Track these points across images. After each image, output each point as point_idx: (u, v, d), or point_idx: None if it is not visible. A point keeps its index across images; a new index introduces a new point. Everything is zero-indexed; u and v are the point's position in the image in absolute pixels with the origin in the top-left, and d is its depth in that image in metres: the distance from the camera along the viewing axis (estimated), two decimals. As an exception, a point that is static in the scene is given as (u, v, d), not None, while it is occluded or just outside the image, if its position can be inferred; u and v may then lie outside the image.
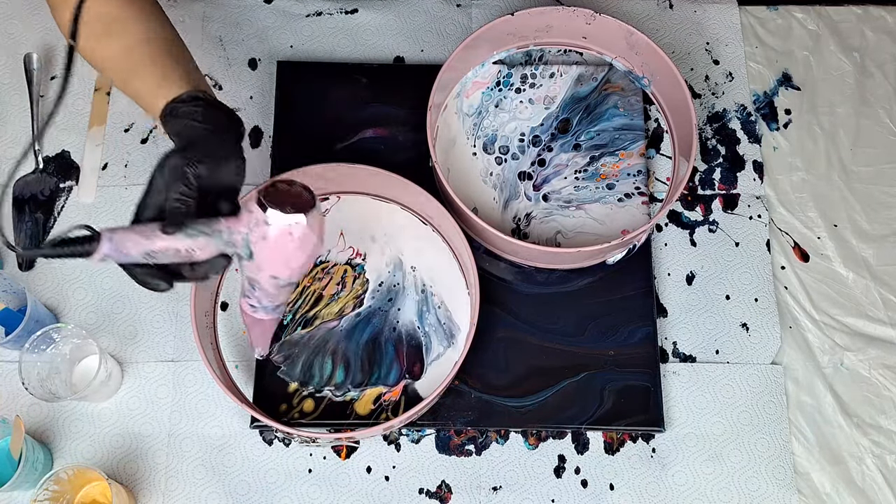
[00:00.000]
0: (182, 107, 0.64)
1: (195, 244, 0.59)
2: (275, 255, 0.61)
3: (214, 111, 0.65)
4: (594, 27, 0.89)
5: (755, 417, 0.82)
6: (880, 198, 0.92)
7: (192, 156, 0.60)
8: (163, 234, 0.58)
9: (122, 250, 0.57)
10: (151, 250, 0.58)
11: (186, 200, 0.59)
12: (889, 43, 0.98)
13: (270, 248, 0.61)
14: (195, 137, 0.62)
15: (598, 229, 0.87)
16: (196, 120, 0.63)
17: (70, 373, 0.80)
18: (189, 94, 0.64)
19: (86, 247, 0.56)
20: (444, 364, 0.81)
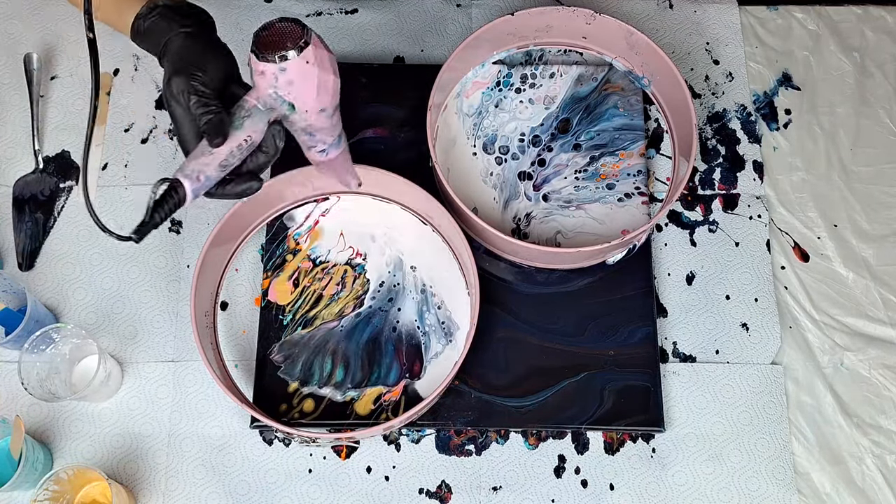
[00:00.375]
0: (144, 22, 0.66)
1: (247, 132, 0.61)
2: (309, 88, 0.61)
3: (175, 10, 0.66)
4: (594, 27, 0.89)
5: (755, 417, 0.82)
6: (880, 198, 0.92)
7: (189, 70, 0.61)
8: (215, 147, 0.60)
9: (202, 176, 0.59)
10: (221, 161, 0.60)
11: (212, 107, 0.60)
12: (889, 43, 0.98)
13: (301, 86, 0.61)
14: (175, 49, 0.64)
15: (598, 229, 0.87)
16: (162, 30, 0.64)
17: (70, 373, 0.80)
18: (146, 7, 0.66)
19: (176, 195, 0.59)
20: (444, 364, 0.81)
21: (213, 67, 0.63)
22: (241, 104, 0.62)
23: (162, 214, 0.59)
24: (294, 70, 0.60)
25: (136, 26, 0.66)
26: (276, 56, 0.59)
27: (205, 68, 0.62)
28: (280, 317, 0.83)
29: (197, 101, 0.60)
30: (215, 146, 0.60)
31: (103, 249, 0.86)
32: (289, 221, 0.86)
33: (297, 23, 0.60)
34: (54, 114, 0.91)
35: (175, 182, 0.58)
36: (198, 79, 0.61)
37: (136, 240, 0.59)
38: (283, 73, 0.60)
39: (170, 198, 0.58)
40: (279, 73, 0.60)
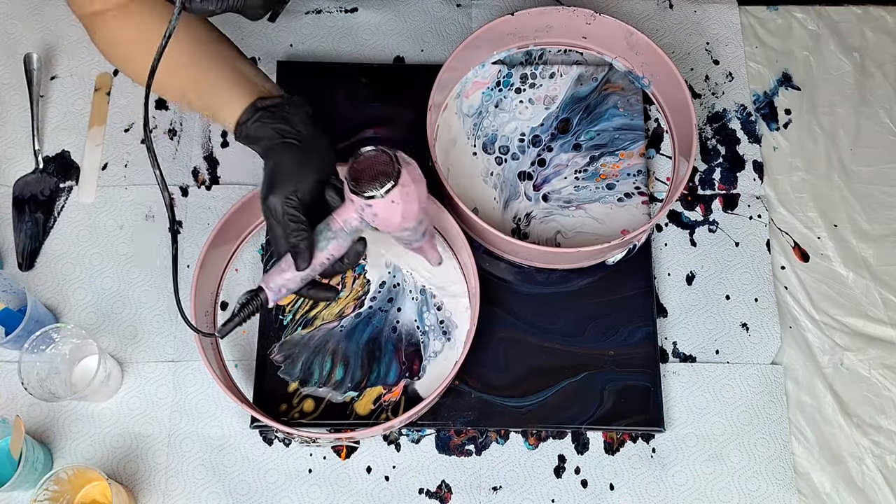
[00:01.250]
0: (246, 128, 0.68)
1: (331, 251, 0.66)
2: (392, 218, 0.64)
3: (274, 114, 0.67)
4: (594, 27, 0.89)
5: (755, 417, 0.82)
6: (880, 198, 0.92)
7: (285, 191, 0.65)
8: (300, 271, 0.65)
9: (283, 289, 0.66)
10: (303, 276, 0.66)
11: (301, 234, 0.65)
12: (889, 43, 0.98)
13: (384, 218, 0.64)
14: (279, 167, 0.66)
15: (598, 229, 0.87)
16: (264, 136, 0.67)
17: (70, 373, 0.80)
18: (248, 110, 0.68)
19: (257, 303, 0.65)
20: (444, 364, 0.81)
21: (307, 182, 0.66)
22: (328, 224, 0.66)
23: (244, 315, 0.65)
24: (379, 207, 0.63)
25: (240, 131, 0.68)
26: (364, 194, 0.62)
27: (299, 186, 0.65)
28: (280, 317, 0.83)
29: (288, 224, 0.65)
30: (300, 269, 0.65)
31: (103, 249, 0.86)
32: (289, 221, 0.86)
33: (392, 158, 0.62)
34: (54, 114, 0.91)
35: (259, 290, 0.66)
36: (291, 202, 0.65)
37: (220, 336, 0.65)
38: (368, 207, 0.62)
39: (252, 303, 0.65)
40: (365, 206, 0.63)
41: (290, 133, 0.67)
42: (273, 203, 0.65)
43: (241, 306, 0.65)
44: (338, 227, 0.66)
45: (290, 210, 0.65)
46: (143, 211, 0.88)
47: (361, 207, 0.63)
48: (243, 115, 0.68)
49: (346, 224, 0.65)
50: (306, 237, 0.65)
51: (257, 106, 0.68)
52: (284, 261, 0.66)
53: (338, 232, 0.66)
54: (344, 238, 0.66)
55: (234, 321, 0.65)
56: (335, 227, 0.66)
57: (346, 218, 0.65)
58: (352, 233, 0.66)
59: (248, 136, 0.68)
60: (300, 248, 0.65)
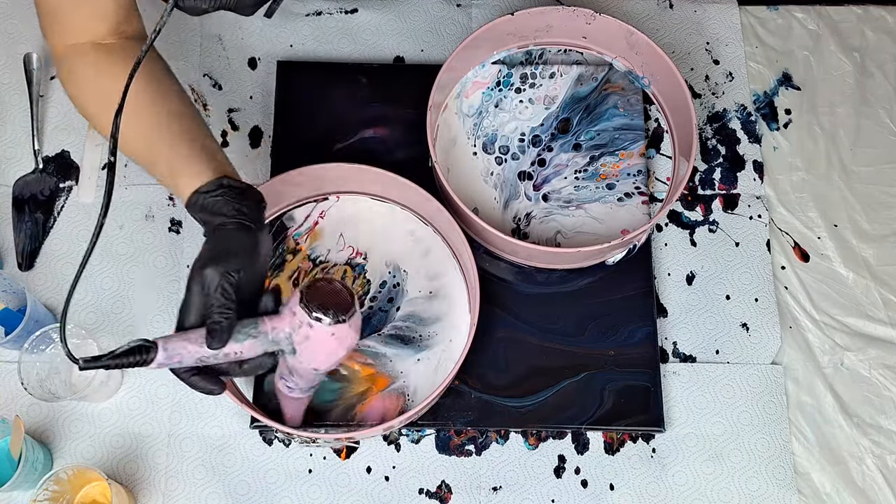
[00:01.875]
0: (205, 197, 0.65)
1: (243, 347, 0.63)
2: (317, 353, 0.65)
3: (238, 197, 0.65)
4: (594, 27, 0.89)
5: (755, 417, 0.82)
6: (880, 198, 0.92)
7: (228, 267, 0.62)
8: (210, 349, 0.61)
9: (175, 358, 0.61)
10: (203, 357, 0.61)
11: (227, 314, 0.61)
12: (889, 43, 0.98)
13: (313, 348, 0.64)
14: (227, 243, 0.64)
15: (597, 229, 0.87)
16: (220, 212, 0.64)
17: (69, 373, 0.80)
18: (213, 182, 0.65)
19: (143, 357, 0.59)
20: (444, 364, 0.81)
21: (252, 272, 0.64)
22: (256, 322, 0.63)
23: (119, 363, 0.59)
24: (318, 333, 0.62)
25: (196, 199, 0.65)
26: (314, 313, 0.62)
27: (242, 269, 0.62)
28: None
29: (219, 300, 0.61)
30: (211, 348, 0.61)
31: (103, 249, 0.86)
32: (289, 221, 0.86)
33: (352, 297, 0.64)
34: (54, 114, 0.91)
35: (152, 346, 0.59)
36: (230, 279, 0.61)
37: (80, 366, 0.58)
38: (308, 328, 0.62)
39: (136, 355, 0.59)
40: (306, 326, 0.62)
41: (249, 217, 0.65)
42: (210, 275, 0.61)
43: (125, 353, 0.59)
44: (264, 330, 0.63)
45: (226, 286, 0.61)
46: (142, 211, 0.88)
47: (299, 324, 0.62)
48: (206, 185, 0.65)
49: (273, 332, 0.63)
50: (231, 318, 0.61)
51: (223, 183, 0.65)
52: (194, 331, 0.61)
53: (261, 334, 0.63)
54: (262, 343, 0.63)
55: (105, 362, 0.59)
56: (262, 329, 0.63)
57: (276, 326, 0.63)
58: (271, 343, 0.64)
59: (203, 207, 0.65)
60: (221, 326, 0.60)
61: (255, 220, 0.65)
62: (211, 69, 0.93)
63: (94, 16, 0.68)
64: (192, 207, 0.66)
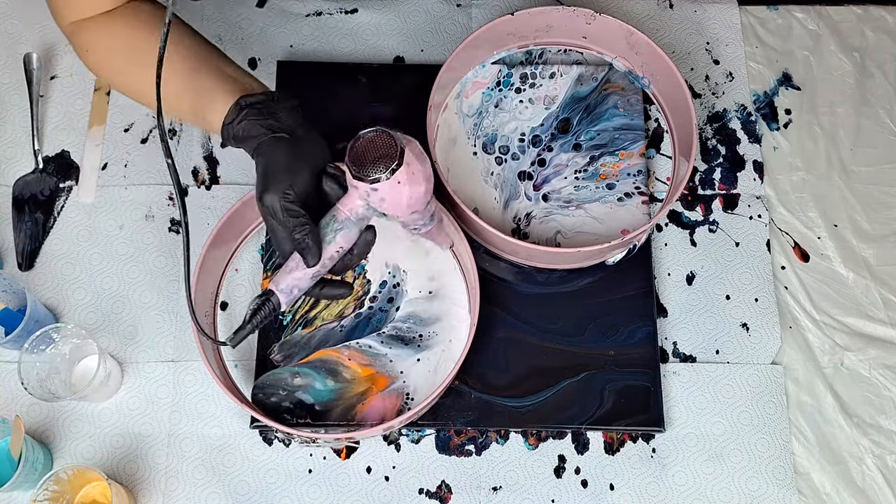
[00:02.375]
0: (233, 128, 0.65)
1: (339, 244, 0.63)
2: (400, 201, 0.62)
3: (260, 110, 0.65)
4: (594, 27, 0.89)
5: (755, 417, 0.82)
6: (880, 198, 0.92)
7: (281, 186, 0.62)
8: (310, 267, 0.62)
9: (295, 290, 0.62)
10: (314, 274, 0.63)
11: (305, 229, 0.62)
12: (889, 43, 0.98)
13: (395, 201, 0.62)
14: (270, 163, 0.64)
15: (597, 229, 0.87)
16: (253, 135, 0.64)
17: (69, 373, 0.80)
18: (233, 109, 0.65)
19: (269, 307, 0.62)
20: (444, 364, 0.81)
21: (303, 175, 0.64)
22: (333, 215, 0.63)
23: (256, 322, 0.63)
24: (385, 190, 0.61)
25: (227, 132, 0.66)
26: (368, 178, 0.60)
27: (295, 180, 0.63)
28: (280, 317, 0.83)
29: (289, 219, 0.62)
30: (309, 266, 0.62)
31: (103, 249, 0.86)
32: (289, 221, 0.86)
33: (392, 137, 0.61)
34: (54, 114, 0.91)
35: (270, 294, 0.63)
36: (289, 196, 0.62)
37: (231, 345, 0.62)
38: (374, 191, 0.61)
39: (264, 308, 0.62)
40: (371, 191, 0.61)
41: (280, 128, 0.65)
42: (270, 201, 0.62)
43: (253, 312, 0.62)
44: (344, 217, 0.63)
45: (289, 206, 0.62)
46: (142, 211, 0.88)
47: (367, 193, 0.61)
48: (228, 115, 0.65)
49: (352, 213, 0.63)
50: (311, 231, 0.62)
51: (241, 104, 0.65)
52: (291, 260, 0.63)
53: (344, 222, 0.63)
54: (351, 228, 0.64)
55: (247, 328, 0.63)
56: (341, 218, 0.63)
57: (351, 206, 0.63)
58: (359, 221, 0.64)
59: (235, 137, 0.65)
60: (307, 243, 0.62)
61: (286, 128, 0.65)
62: (211, 69, 0.93)
63: None
64: (229, 142, 0.67)
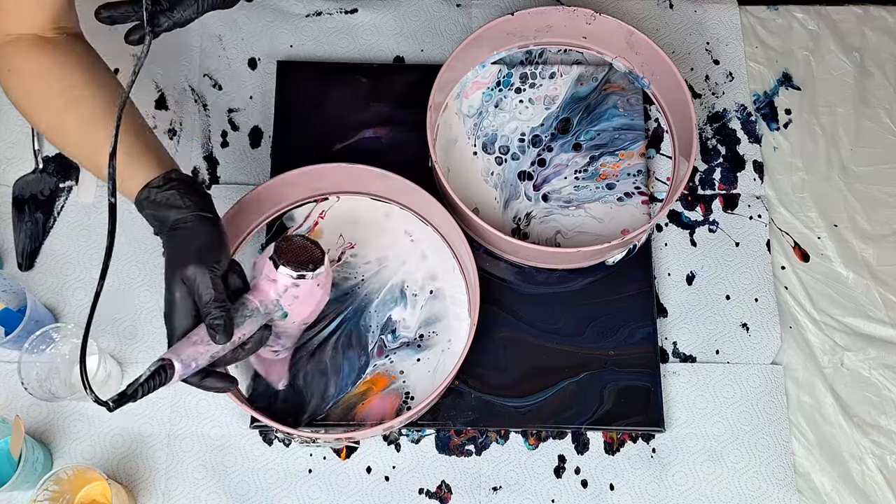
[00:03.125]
0: (157, 192, 0.64)
1: (244, 331, 0.63)
2: (307, 306, 0.66)
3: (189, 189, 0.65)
4: (594, 27, 0.89)
5: (755, 417, 0.82)
6: (880, 198, 0.92)
7: (209, 261, 0.61)
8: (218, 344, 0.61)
9: (191, 364, 0.61)
10: (214, 353, 0.61)
11: (224, 307, 0.61)
12: (889, 43, 0.98)
13: (303, 303, 0.65)
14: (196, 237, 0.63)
15: (597, 228, 0.87)
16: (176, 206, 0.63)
17: (69, 373, 0.80)
18: (162, 177, 0.64)
19: (164, 375, 0.59)
20: (444, 364, 0.81)
21: (225, 258, 0.63)
22: (244, 303, 0.64)
23: (145, 390, 0.58)
24: (305, 288, 0.65)
25: (146, 194, 0.64)
26: (296, 273, 0.64)
27: (219, 258, 0.62)
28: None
29: (212, 294, 0.60)
30: (219, 343, 0.60)
31: (102, 249, 0.85)
32: (288, 221, 0.86)
33: (318, 246, 0.67)
34: (54, 114, 0.91)
35: (168, 364, 0.59)
36: (215, 272, 0.61)
37: (110, 408, 0.57)
38: (294, 287, 0.64)
39: (158, 376, 0.59)
40: (291, 286, 0.64)
41: (205, 207, 0.64)
42: (194, 273, 0.60)
43: (147, 378, 0.59)
44: (253, 307, 0.64)
45: (215, 280, 0.61)
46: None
47: (286, 288, 0.64)
48: (156, 180, 0.64)
49: (261, 305, 0.64)
50: (229, 308, 0.61)
51: (172, 176, 0.64)
52: (196, 333, 0.61)
53: (254, 311, 0.63)
54: (257, 319, 0.64)
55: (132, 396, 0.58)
56: (251, 307, 0.64)
57: (262, 298, 0.64)
58: (265, 315, 0.64)
59: (154, 202, 0.64)
60: (224, 320, 0.60)
61: (209, 209, 0.65)
62: (211, 69, 0.93)
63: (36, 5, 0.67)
64: (142, 204, 0.65)
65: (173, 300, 0.62)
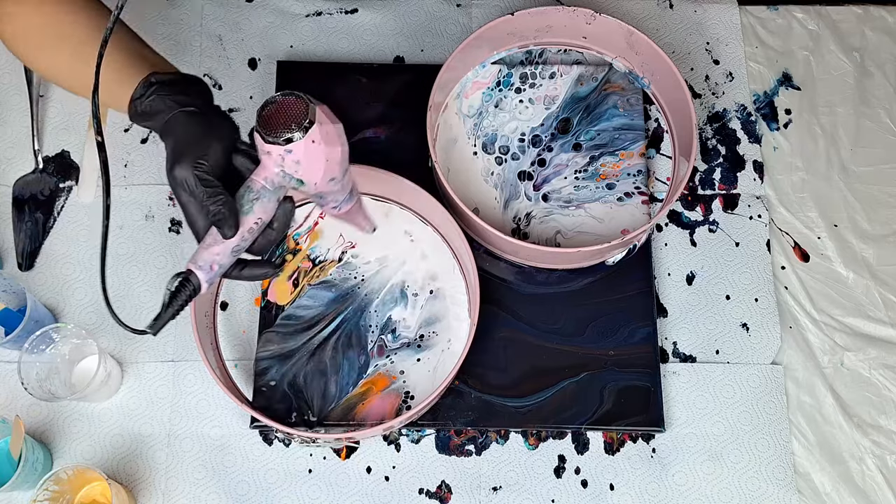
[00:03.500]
0: (141, 103, 0.63)
1: (257, 215, 0.60)
2: (316, 166, 0.60)
3: (171, 86, 0.63)
4: (594, 27, 0.89)
5: (755, 417, 0.82)
6: (880, 198, 0.92)
7: (192, 157, 0.59)
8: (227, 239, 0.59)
9: (214, 266, 0.58)
10: (233, 248, 0.59)
11: (220, 199, 0.58)
12: (889, 43, 0.98)
13: (308, 164, 0.59)
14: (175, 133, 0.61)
15: (597, 228, 0.87)
16: (160, 110, 0.62)
17: (69, 373, 0.80)
18: (142, 85, 0.63)
19: (189, 288, 0.57)
20: (444, 364, 0.81)
21: (215, 148, 0.61)
22: (249, 186, 0.60)
23: (177, 306, 0.57)
24: (300, 151, 0.58)
25: (134, 107, 0.63)
26: (281, 139, 0.58)
27: (207, 152, 0.60)
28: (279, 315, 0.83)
29: (203, 190, 0.58)
30: (227, 238, 0.59)
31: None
32: (289, 221, 0.86)
33: (300, 99, 0.59)
34: (54, 114, 0.91)
35: (188, 273, 0.58)
36: (202, 167, 0.59)
37: (152, 333, 0.57)
38: (289, 154, 0.58)
39: (184, 289, 0.57)
40: (285, 154, 0.58)
41: (189, 102, 0.62)
42: (181, 174, 0.59)
43: (172, 295, 0.57)
44: (259, 187, 0.60)
45: (202, 175, 0.58)
46: (143, 211, 0.88)
47: (282, 157, 0.58)
48: (137, 90, 0.63)
49: (267, 181, 0.60)
50: (226, 200, 0.58)
51: (151, 80, 0.63)
52: (208, 236, 0.59)
53: (260, 191, 0.60)
54: (269, 197, 0.60)
55: (168, 313, 0.57)
56: (256, 187, 0.60)
57: (265, 175, 0.60)
58: (276, 190, 0.61)
59: (143, 113, 0.63)
60: (223, 213, 0.58)
61: (196, 104, 0.63)
62: (211, 69, 0.93)
63: None
64: (136, 118, 0.64)
65: (182, 206, 0.60)
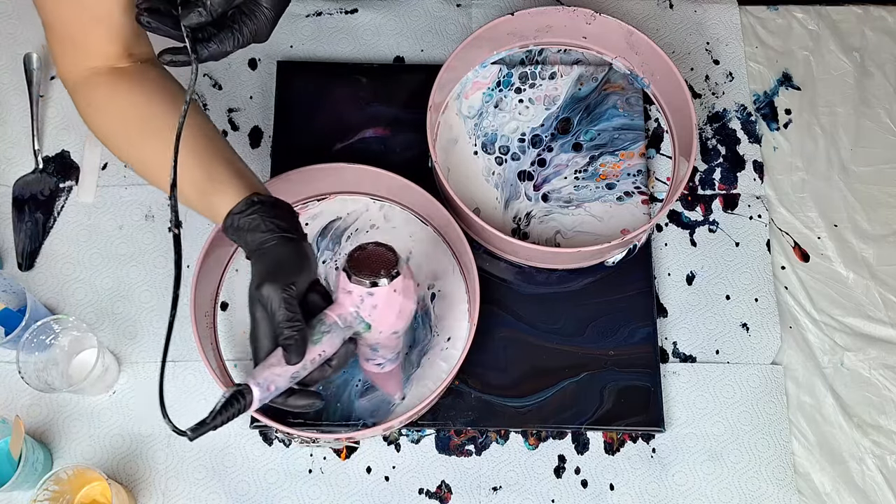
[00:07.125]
0: (240, 218, 0.64)
1: (323, 346, 0.62)
2: (390, 314, 0.64)
3: (273, 209, 0.65)
4: (594, 27, 0.89)
5: (755, 417, 0.82)
6: (880, 198, 0.92)
7: (284, 281, 0.61)
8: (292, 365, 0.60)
9: (270, 388, 0.60)
10: (293, 374, 0.61)
11: (297, 325, 0.60)
12: (889, 43, 0.98)
13: (382, 312, 0.63)
14: (275, 258, 0.63)
15: (597, 228, 0.87)
16: (259, 229, 0.64)
17: (67, 365, 0.80)
18: (244, 201, 0.65)
19: (242, 402, 0.58)
20: (444, 364, 0.81)
21: (303, 279, 0.63)
22: (321, 318, 0.63)
23: (224, 418, 0.58)
24: (381, 296, 0.62)
25: (231, 221, 0.65)
26: (368, 281, 0.61)
27: (297, 279, 0.62)
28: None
29: (284, 314, 0.60)
30: (293, 364, 0.60)
31: (103, 249, 0.86)
32: (289, 221, 0.86)
33: (391, 251, 0.64)
34: (54, 114, 0.91)
35: (245, 388, 0.58)
36: (290, 291, 0.61)
37: (190, 437, 0.57)
38: (370, 297, 0.62)
39: (237, 402, 0.58)
40: (367, 296, 0.62)
41: (287, 228, 0.65)
42: (268, 292, 0.60)
43: (223, 406, 0.58)
44: (331, 322, 0.63)
45: (287, 298, 0.60)
46: (142, 211, 0.88)
47: (361, 298, 0.62)
48: (238, 206, 0.65)
49: (340, 318, 0.63)
50: (302, 328, 0.60)
51: (254, 200, 0.65)
52: (273, 356, 0.61)
53: (332, 326, 0.62)
54: (337, 333, 0.63)
55: (212, 424, 0.57)
56: (329, 322, 0.63)
57: (340, 312, 0.63)
58: (345, 329, 0.63)
59: (238, 228, 0.65)
60: (296, 339, 0.60)
61: (292, 230, 0.65)
62: (211, 69, 0.93)
63: (106, 36, 0.67)
64: (228, 230, 0.66)
65: (254, 321, 0.62)
